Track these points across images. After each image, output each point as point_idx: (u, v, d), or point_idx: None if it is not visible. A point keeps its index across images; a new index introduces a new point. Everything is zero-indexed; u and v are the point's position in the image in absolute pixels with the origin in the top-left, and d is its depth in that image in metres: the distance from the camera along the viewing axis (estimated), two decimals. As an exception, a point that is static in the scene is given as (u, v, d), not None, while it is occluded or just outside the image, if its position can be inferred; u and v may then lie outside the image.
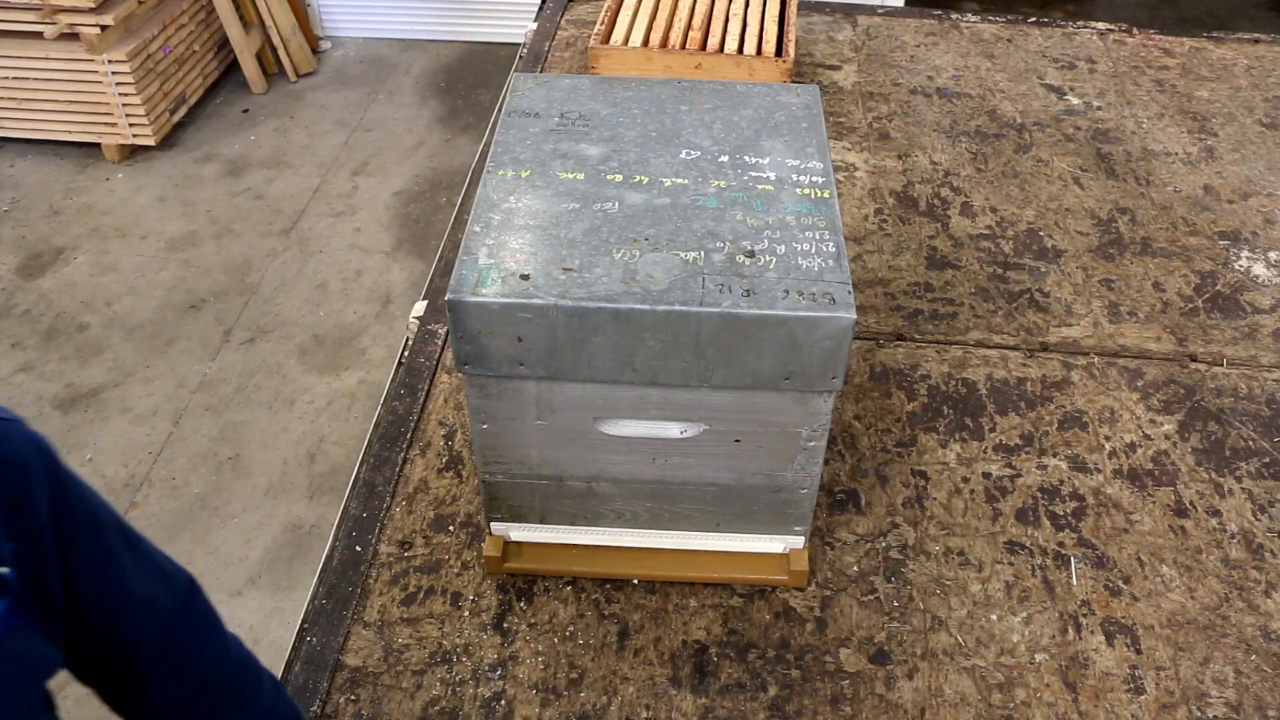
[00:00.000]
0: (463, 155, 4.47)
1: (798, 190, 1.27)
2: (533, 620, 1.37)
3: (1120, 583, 1.44)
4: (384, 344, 3.57)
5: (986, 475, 1.58)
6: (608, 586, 1.41)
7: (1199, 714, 1.29)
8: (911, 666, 1.33)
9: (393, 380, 1.73)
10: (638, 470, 1.29)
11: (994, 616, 1.39)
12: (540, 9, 2.83)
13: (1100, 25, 2.81)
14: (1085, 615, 1.40)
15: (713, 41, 2.40)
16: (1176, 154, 2.31)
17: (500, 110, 1.47)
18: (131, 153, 4.45)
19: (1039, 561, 1.46)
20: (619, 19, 2.49)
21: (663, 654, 1.34)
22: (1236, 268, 2.00)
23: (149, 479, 3.03)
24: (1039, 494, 1.56)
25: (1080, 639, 1.37)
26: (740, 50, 2.38)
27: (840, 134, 2.35)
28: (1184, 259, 2.01)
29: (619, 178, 1.29)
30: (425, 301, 1.86)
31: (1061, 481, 1.58)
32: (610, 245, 1.18)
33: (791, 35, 2.43)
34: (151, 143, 4.37)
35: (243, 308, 3.71)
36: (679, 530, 1.38)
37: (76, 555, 0.86)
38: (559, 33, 2.70)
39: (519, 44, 2.76)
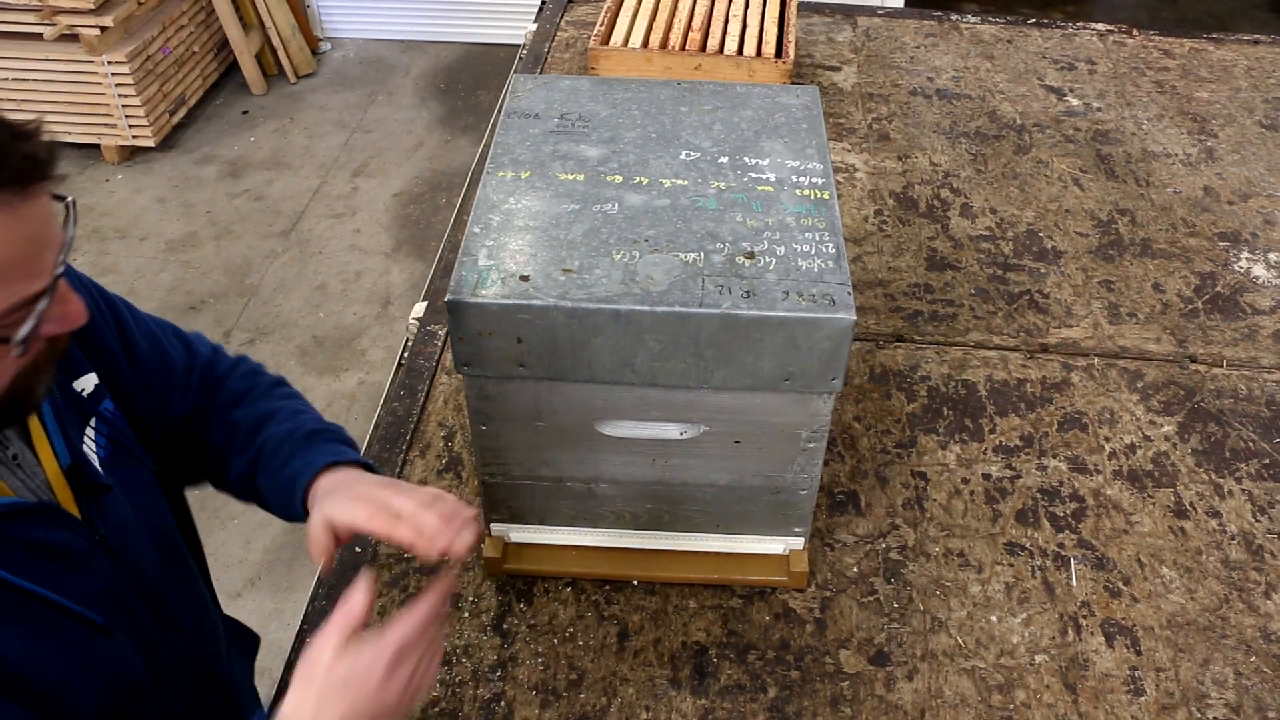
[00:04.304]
0: (462, 156, 4.47)
1: (797, 191, 1.27)
2: (532, 621, 1.37)
3: (1120, 584, 1.44)
4: (384, 345, 3.58)
5: (986, 476, 1.58)
6: (607, 588, 1.41)
7: (1199, 715, 1.29)
8: (911, 668, 1.33)
9: (392, 381, 1.73)
10: (637, 471, 1.29)
11: (994, 618, 1.39)
12: (540, 10, 2.83)
13: (1100, 26, 2.81)
14: (1085, 616, 1.40)
15: (712, 42, 2.40)
16: (1176, 155, 2.31)
17: (500, 111, 1.47)
18: (131, 154, 4.45)
19: (1039, 563, 1.46)
20: (619, 20, 2.49)
21: (662, 655, 1.34)
22: (1236, 269, 2.00)
23: (148, 480, 3.02)
24: (1039, 495, 1.56)
25: (1080, 640, 1.37)
26: (740, 51, 2.38)
27: (840, 135, 2.35)
28: (1184, 260, 2.01)
29: (619, 179, 1.29)
30: (425, 303, 1.86)
31: (1061, 483, 1.58)
32: (610, 246, 1.18)
33: (791, 36, 2.44)
34: (151, 144, 4.37)
35: (242, 309, 3.72)
36: (679, 531, 1.38)
37: (136, 340, 1.06)
38: (559, 34, 2.70)
39: (518, 45, 2.76)
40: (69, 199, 0.78)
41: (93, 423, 0.94)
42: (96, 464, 0.93)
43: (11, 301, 0.72)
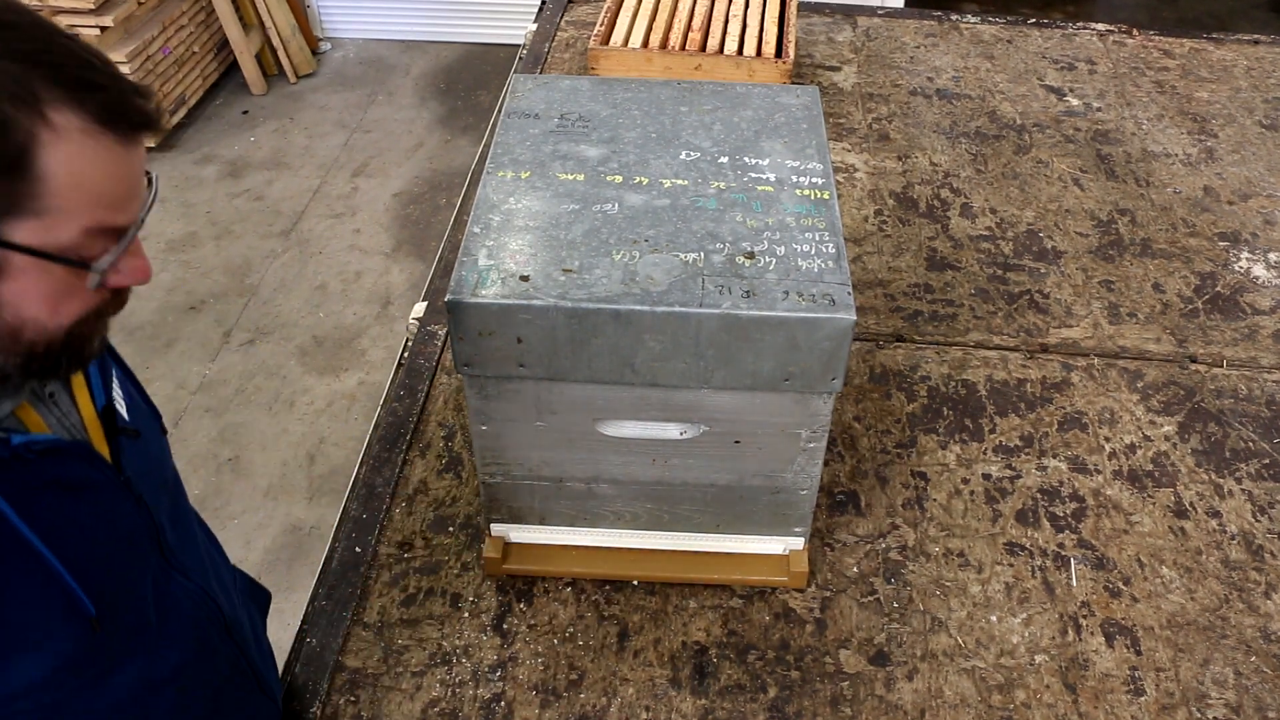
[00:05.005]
0: (462, 156, 4.47)
1: (797, 191, 1.27)
2: (532, 621, 1.37)
3: (1120, 584, 1.44)
4: (384, 345, 3.57)
5: (986, 476, 1.58)
6: (607, 588, 1.41)
7: (1199, 715, 1.29)
8: (911, 668, 1.33)
9: (392, 381, 1.73)
10: (637, 471, 1.29)
11: (994, 618, 1.39)
12: (540, 10, 2.83)
13: (1100, 26, 2.81)
14: (1085, 616, 1.40)
15: (712, 43, 2.40)
16: (1176, 155, 2.31)
17: (500, 111, 1.47)
18: (131, 154, 4.44)
19: (1039, 563, 1.46)
20: (619, 20, 2.49)
21: (662, 655, 1.34)
22: (1236, 269, 2.00)
23: (148, 480, 3.02)
24: (1039, 495, 1.56)
25: (1080, 640, 1.37)
26: (740, 51, 2.38)
27: (840, 135, 2.35)
28: (1184, 260, 2.01)
29: (619, 179, 1.29)
30: (425, 303, 1.86)
31: (1061, 483, 1.58)
32: (610, 246, 1.18)
33: (791, 36, 2.43)
34: (151, 144, 4.37)
35: (242, 309, 3.71)
36: (679, 531, 1.38)
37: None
38: (559, 34, 2.70)
39: (519, 45, 2.76)
40: (153, 175, 0.87)
41: (115, 372, 1.00)
42: (124, 410, 0.98)
43: (97, 221, 0.78)
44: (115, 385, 0.98)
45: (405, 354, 1.77)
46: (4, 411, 0.83)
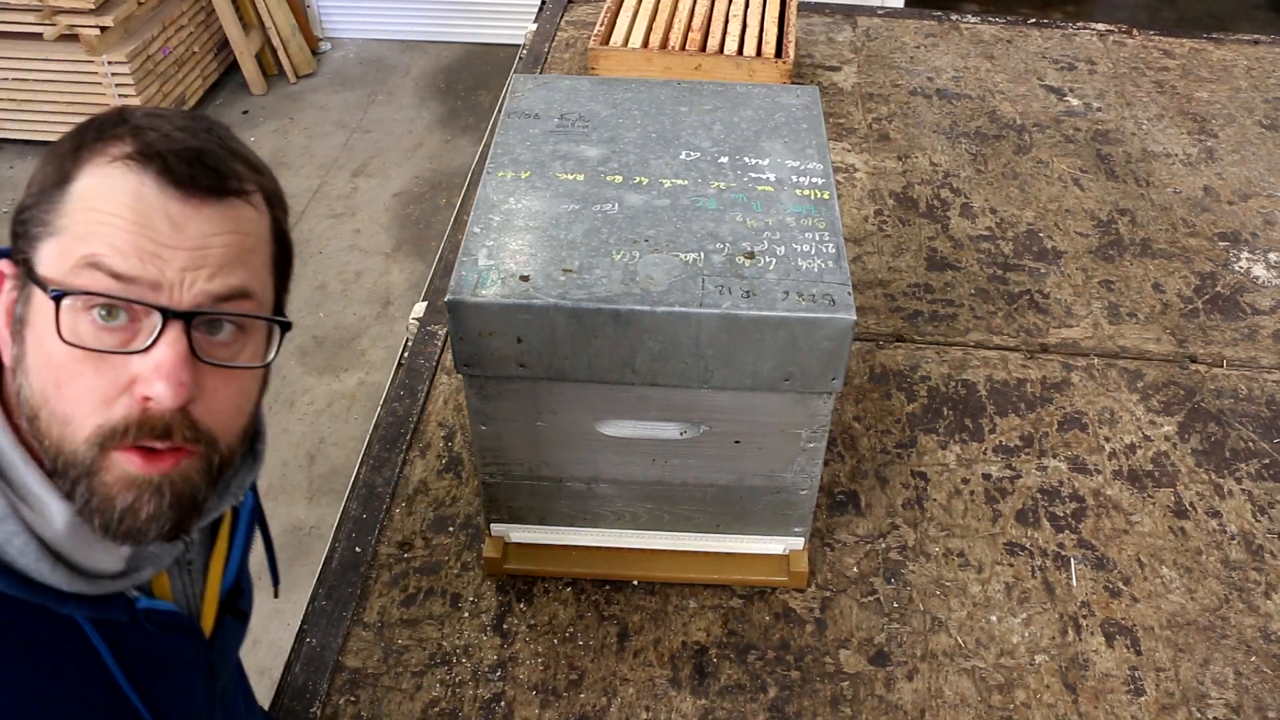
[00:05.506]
0: (462, 156, 4.46)
1: (797, 191, 1.27)
2: (532, 621, 1.37)
3: (1120, 584, 1.44)
4: (384, 345, 3.57)
5: (986, 476, 1.58)
6: (607, 588, 1.41)
7: (1199, 715, 1.29)
8: (911, 668, 1.33)
9: (392, 381, 1.73)
10: (637, 471, 1.29)
11: (994, 618, 1.39)
12: (540, 10, 2.83)
13: (1100, 26, 2.81)
14: (1085, 616, 1.40)
15: (712, 43, 2.40)
16: (1176, 155, 2.31)
17: (500, 111, 1.47)
18: (131, 154, 4.43)
19: (1039, 563, 1.46)
20: (619, 20, 2.49)
21: (662, 655, 1.34)
22: (1236, 269, 2.00)
23: (148, 480, 3.02)
24: (1039, 495, 1.56)
25: (1080, 640, 1.37)
26: (740, 51, 2.38)
27: (840, 135, 2.35)
28: (1184, 260, 2.01)
29: (619, 179, 1.29)
30: (425, 303, 1.86)
31: (1061, 483, 1.58)
32: (610, 246, 1.18)
33: (791, 36, 2.43)
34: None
35: (242, 309, 3.71)
36: (679, 531, 1.37)
37: None
38: (559, 34, 2.70)
39: (519, 45, 2.76)
40: (286, 324, 0.81)
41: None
42: (249, 591, 0.95)
43: (91, 252, 0.68)
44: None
45: (405, 354, 1.77)
46: (145, 578, 0.79)
